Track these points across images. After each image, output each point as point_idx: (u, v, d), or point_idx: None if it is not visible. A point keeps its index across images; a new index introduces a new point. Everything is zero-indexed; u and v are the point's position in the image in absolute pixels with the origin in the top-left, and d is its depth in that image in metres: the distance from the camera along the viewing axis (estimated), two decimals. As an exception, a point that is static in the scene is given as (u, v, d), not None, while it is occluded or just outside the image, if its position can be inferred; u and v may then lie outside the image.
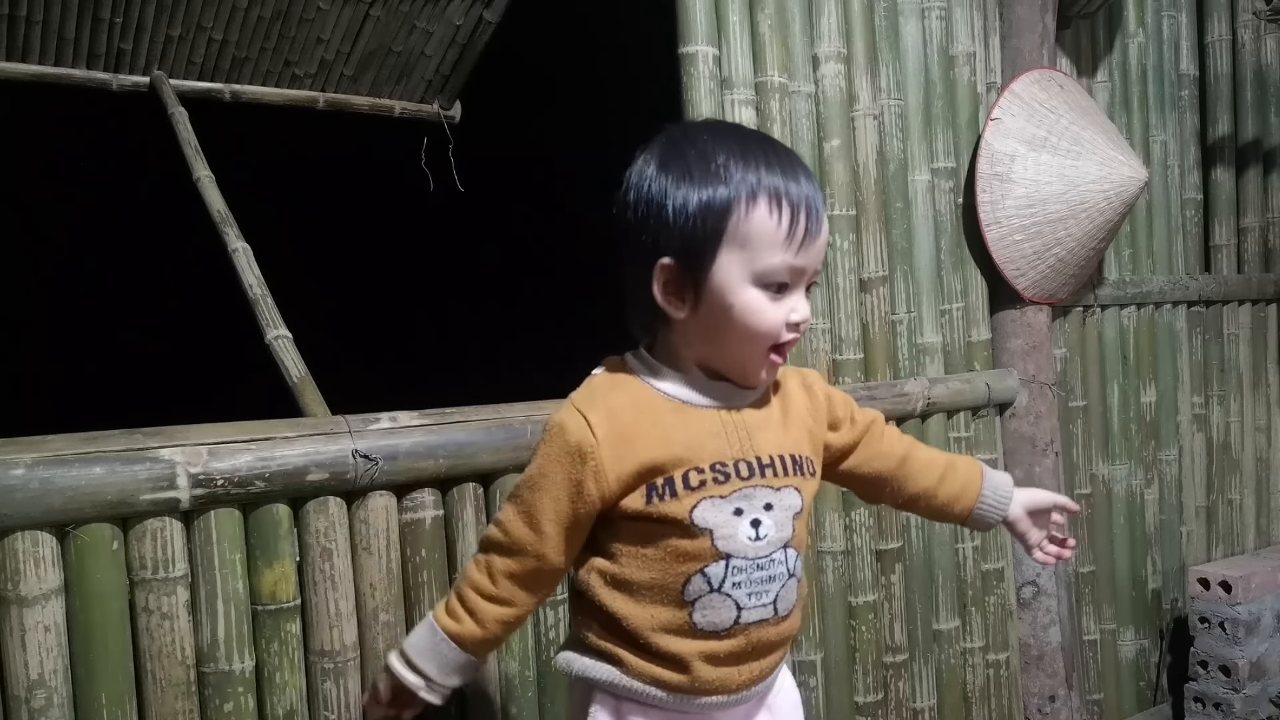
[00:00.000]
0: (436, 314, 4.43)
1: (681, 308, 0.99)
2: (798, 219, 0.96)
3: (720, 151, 0.97)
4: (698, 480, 0.97)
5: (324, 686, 1.30)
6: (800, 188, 0.97)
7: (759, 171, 0.96)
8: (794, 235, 0.96)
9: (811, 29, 1.85)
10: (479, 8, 2.64)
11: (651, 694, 1.00)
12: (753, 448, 1.00)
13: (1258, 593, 2.30)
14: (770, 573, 0.99)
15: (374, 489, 1.34)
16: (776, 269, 0.96)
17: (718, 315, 0.98)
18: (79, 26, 2.25)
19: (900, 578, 1.91)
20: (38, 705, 1.11)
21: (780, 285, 0.97)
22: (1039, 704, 2.10)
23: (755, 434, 1.01)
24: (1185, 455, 2.48)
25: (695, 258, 0.97)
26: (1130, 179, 2.02)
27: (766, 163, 0.97)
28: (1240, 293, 2.59)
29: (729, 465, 0.98)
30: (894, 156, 1.95)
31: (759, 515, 0.99)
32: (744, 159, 0.97)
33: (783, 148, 1.02)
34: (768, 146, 1.00)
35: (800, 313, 0.98)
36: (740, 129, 1.07)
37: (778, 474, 1.01)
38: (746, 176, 0.96)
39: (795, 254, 0.96)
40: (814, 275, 1.01)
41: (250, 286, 1.75)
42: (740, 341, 0.98)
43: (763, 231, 0.95)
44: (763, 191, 0.96)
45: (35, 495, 1.10)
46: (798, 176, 0.98)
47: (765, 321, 0.97)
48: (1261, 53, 2.64)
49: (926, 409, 1.94)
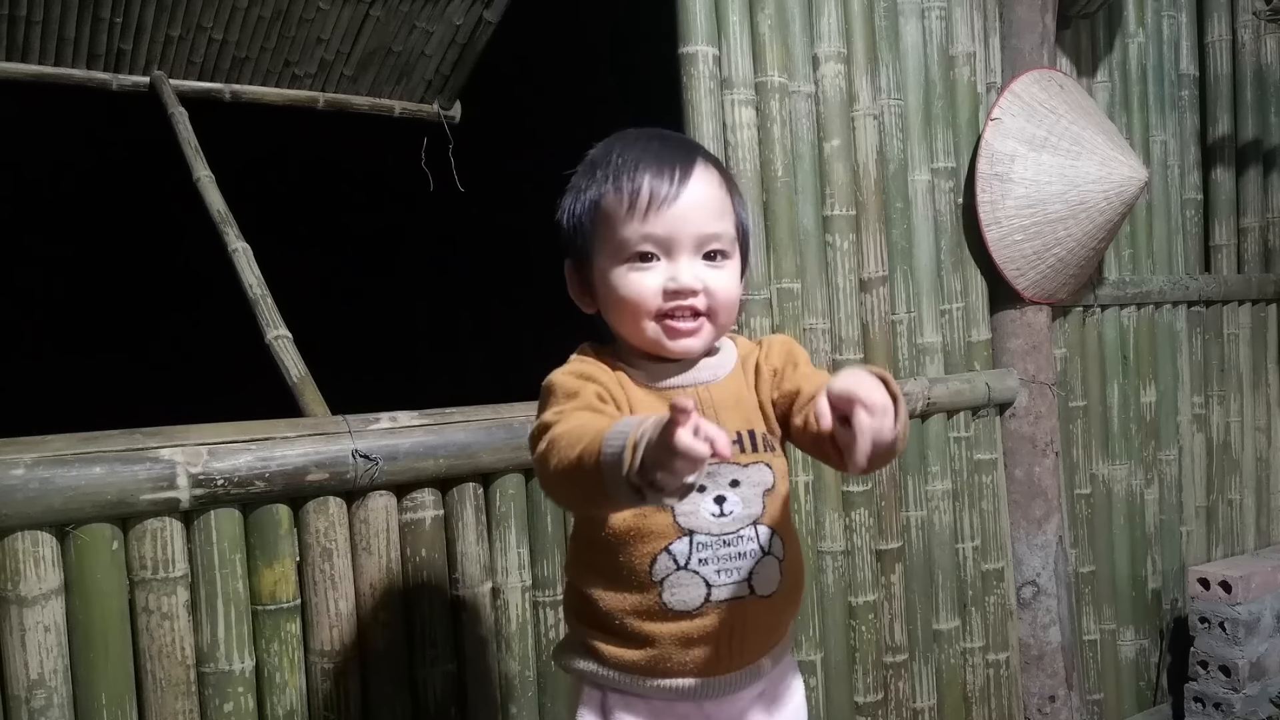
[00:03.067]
0: (437, 314, 4.43)
1: (590, 303, 1.06)
2: (640, 191, 0.98)
3: (601, 156, 1.03)
4: None
5: (324, 686, 1.30)
6: (652, 158, 0.99)
7: (616, 163, 1.00)
8: (637, 204, 0.98)
9: (811, 29, 1.85)
10: (479, 8, 2.64)
11: (629, 682, 1.00)
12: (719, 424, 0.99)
13: (1258, 593, 2.30)
14: (739, 549, 0.99)
15: (374, 489, 1.34)
16: (629, 240, 0.99)
17: (607, 303, 1.03)
18: (79, 26, 2.25)
19: (900, 578, 1.91)
20: (38, 705, 1.11)
21: (643, 255, 0.99)
22: (1039, 704, 2.10)
23: (721, 411, 1.02)
24: (1185, 455, 2.48)
25: (581, 255, 1.05)
26: (1130, 179, 2.02)
27: (630, 151, 1.00)
28: (1240, 293, 2.59)
29: None
30: (894, 156, 1.95)
31: (723, 491, 0.99)
32: (609, 156, 1.01)
33: (671, 138, 1.05)
34: (646, 139, 1.03)
35: (679, 280, 0.98)
36: (644, 131, 1.07)
37: (745, 450, 1.01)
38: (605, 171, 1.00)
39: (644, 221, 0.98)
40: (703, 242, 1.00)
41: (250, 286, 1.75)
42: (628, 319, 1.01)
43: (611, 211, 1.00)
44: (612, 173, 0.99)
45: (35, 495, 1.10)
46: (659, 155, 1.00)
47: (634, 292, 0.99)
48: (1261, 53, 2.64)
49: (926, 409, 1.94)
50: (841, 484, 1.84)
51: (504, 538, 1.46)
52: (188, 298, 3.69)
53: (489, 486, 1.45)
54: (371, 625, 1.34)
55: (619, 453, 0.79)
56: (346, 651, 1.32)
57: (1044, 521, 2.10)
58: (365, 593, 1.34)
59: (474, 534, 1.43)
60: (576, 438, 0.87)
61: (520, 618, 1.47)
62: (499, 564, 1.46)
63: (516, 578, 1.47)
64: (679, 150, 1.02)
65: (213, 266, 1.95)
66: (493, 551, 1.46)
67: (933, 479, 1.97)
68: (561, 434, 0.89)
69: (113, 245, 3.85)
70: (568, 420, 0.92)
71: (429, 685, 1.39)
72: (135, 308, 3.95)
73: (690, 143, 1.06)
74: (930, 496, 1.97)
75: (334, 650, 1.31)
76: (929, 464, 1.97)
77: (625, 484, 0.78)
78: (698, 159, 1.02)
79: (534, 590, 1.49)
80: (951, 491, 2.00)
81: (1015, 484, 2.10)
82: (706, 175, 1.02)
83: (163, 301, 3.95)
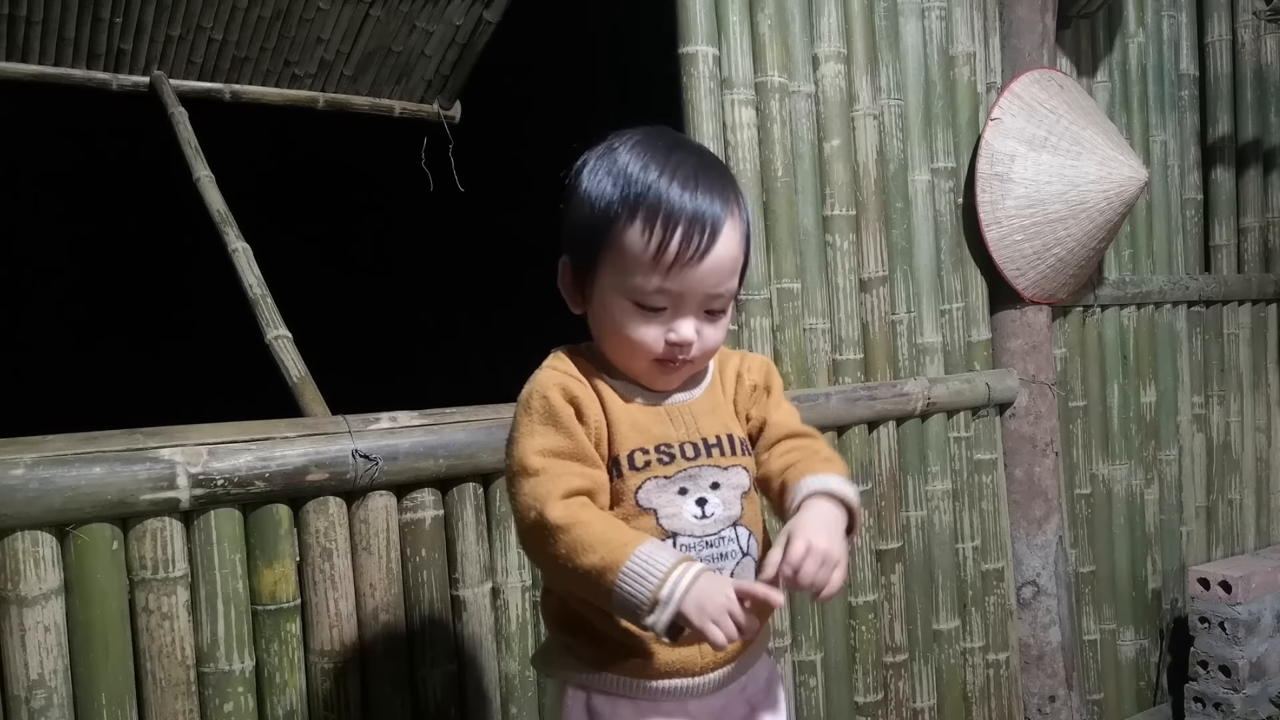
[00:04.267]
0: (437, 313, 4.43)
1: (580, 304, 1.03)
2: (668, 243, 0.93)
3: (631, 160, 0.96)
4: (643, 460, 0.98)
5: (324, 686, 1.30)
6: (688, 209, 0.93)
7: (651, 186, 0.94)
8: (662, 259, 0.93)
9: (811, 29, 1.85)
10: (479, 8, 2.64)
11: (613, 683, 1.00)
12: (698, 430, 1.02)
13: (1258, 593, 2.30)
14: (721, 550, 0.99)
15: (374, 489, 1.34)
16: (643, 290, 0.95)
17: (601, 319, 1.00)
18: (79, 26, 2.26)
19: (900, 578, 1.91)
20: (38, 705, 1.11)
21: (654, 305, 0.96)
22: (1039, 704, 2.10)
23: (701, 418, 1.03)
24: (1185, 455, 2.48)
25: (583, 260, 1.00)
26: (1130, 179, 2.02)
27: (666, 178, 0.94)
28: (1240, 293, 2.59)
29: (674, 446, 1.00)
30: (894, 156, 1.95)
31: (705, 494, 1.00)
32: (644, 171, 0.95)
33: (707, 166, 0.98)
34: (684, 162, 0.96)
35: (679, 334, 0.96)
36: (675, 140, 1.02)
37: (724, 453, 1.02)
38: (635, 190, 0.94)
39: (665, 278, 0.94)
40: (708, 300, 0.97)
41: (250, 286, 1.75)
42: (621, 353, 1.00)
43: (633, 249, 0.94)
44: (644, 207, 0.93)
45: (35, 495, 1.10)
46: (695, 197, 0.94)
47: (637, 337, 0.97)
48: (1261, 53, 2.64)
49: (926, 409, 1.94)
50: (841, 484, 1.83)
51: (504, 538, 1.46)
52: (188, 298, 3.69)
53: (489, 486, 1.45)
54: (371, 625, 1.34)
55: (639, 601, 0.87)
56: (346, 651, 1.32)
57: (1044, 521, 2.10)
58: (365, 593, 1.34)
59: (474, 534, 1.43)
60: (587, 544, 0.89)
61: (520, 618, 1.47)
62: (499, 564, 1.46)
63: (516, 578, 1.47)
64: (716, 194, 0.96)
65: (213, 266, 1.95)
66: (493, 551, 1.46)
67: (933, 479, 1.97)
68: (564, 524, 0.90)
69: (112, 245, 3.85)
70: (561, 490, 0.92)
71: (429, 685, 1.39)
72: (135, 308, 3.94)
73: (725, 179, 0.99)
74: (930, 496, 1.97)
75: (334, 650, 1.31)
76: (929, 464, 1.97)
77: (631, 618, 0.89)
78: (730, 209, 0.97)
79: (534, 590, 1.49)
80: (951, 491, 2.00)
81: (1015, 484, 2.10)
82: (733, 232, 0.97)
83: (163, 301, 3.95)
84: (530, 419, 0.98)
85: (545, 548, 0.92)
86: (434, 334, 4.40)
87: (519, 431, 0.98)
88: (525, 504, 0.94)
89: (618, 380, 1.02)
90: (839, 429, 1.82)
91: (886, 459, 1.90)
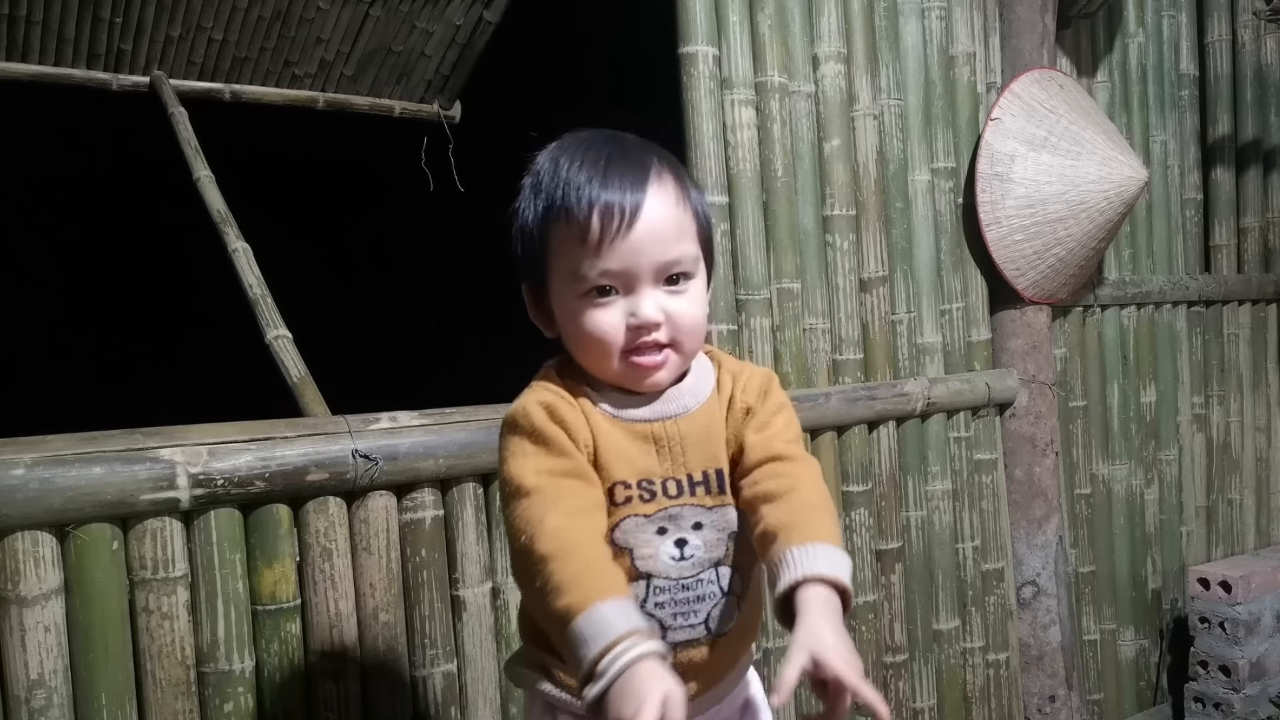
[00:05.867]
0: (436, 313, 4.43)
1: (550, 327, 1.00)
2: (590, 221, 0.90)
3: (548, 169, 0.95)
4: (623, 496, 0.94)
5: (324, 686, 1.30)
6: (601, 188, 0.91)
7: (564, 183, 0.92)
8: (588, 239, 0.90)
9: (811, 29, 1.85)
10: (479, 8, 2.64)
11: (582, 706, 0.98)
12: (685, 464, 0.96)
13: (1258, 593, 2.30)
14: (698, 593, 0.96)
15: (374, 489, 1.34)
16: (585, 276, 0.91)
17: (567, 332, 0.96)
18: (79, 26, 2.25)
19: (900, 578, 1.91)
20: (38, 705, 1.11)
21: (601, 289, 0.92)
22: (1039, 704, 2.10)
23: (690, 449, 0.97)
24: (1185, 455, 2.48)
25: (536, 279, 0.98)
26: (1130, 179, 2.02)
27: (575, 168, 0.93)
28: (1240, 293, 2.59)
29: (656, 483, 0.95)
30: (894, 156, 1.95)
31: (685, 535, 0.95)
32: (557, 173, 0.93)
33: (620, 148, 0.95)
34: (593, 151, 0.94)
35: (639, 314, 0.92)
36: (594, 138, 0.98)
37: (710, 491, 0.96)
38: (552, 191, 0.93)
39: (599, 257, 0.91)
40: (663, 270, 0.93)
41: (250, 286, 1.75)
42: (592, 356, 0.95)
43: (562, 242, 0.93)
44: (560, 203, 0.92)
45: (35, 495, 1.10)
46: (606, 174, 0.92)
47: (595, 329, 0.93)
48: (1261, 53, 2.64)
49: (926, 409, 1.94)
50: (840, 484, 1.84)
51: (504, 538, 1.46)
52: (188, 298, 3.69)
53: (489, 486, 1.45)
54: (371, 625, 1.34)
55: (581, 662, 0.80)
56: (346, 651, 1.32)
57: (1044, 521, 2.10)
58: (365, 593, 1.34)
59: (474, 534, 1.43)
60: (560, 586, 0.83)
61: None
62: (499, 564, 1.46)
63: (516, 578, 1.47)
64: (630, 167, 0.93)
65: (213, 266, 1.95)
66: (493, 551, 1.46)
67: (933, 479, 1.97)
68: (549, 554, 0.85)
69: (112, 245, 3.85)
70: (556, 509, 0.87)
71: (429, 685, 1.39)
72: (135, 308, 3.94)
73: (641, 153, 0.96)
74: (930, 496, 1.97)
75: (334, 650, 1.31)
76: (929, 464, 1.97)
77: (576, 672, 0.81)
78: (650, 177, 0.93)
79: (534, 590, 1.49)
80: (951, 491, 2.00)
81: (1015, 484, 2.10)
82: (661, 195, 0.93)
83: (162, 301, 3.95)
84: (519, 439, 0.94)
85: (529, 578, 0.87)
86: (434, 334, 4.40)
87: (509, 451, 0.94)
88: (518, 526, 0.89)
89: (604, 396, 0.97)
90: (839, 429, 1.82)
91: (886, 459, 1.90)
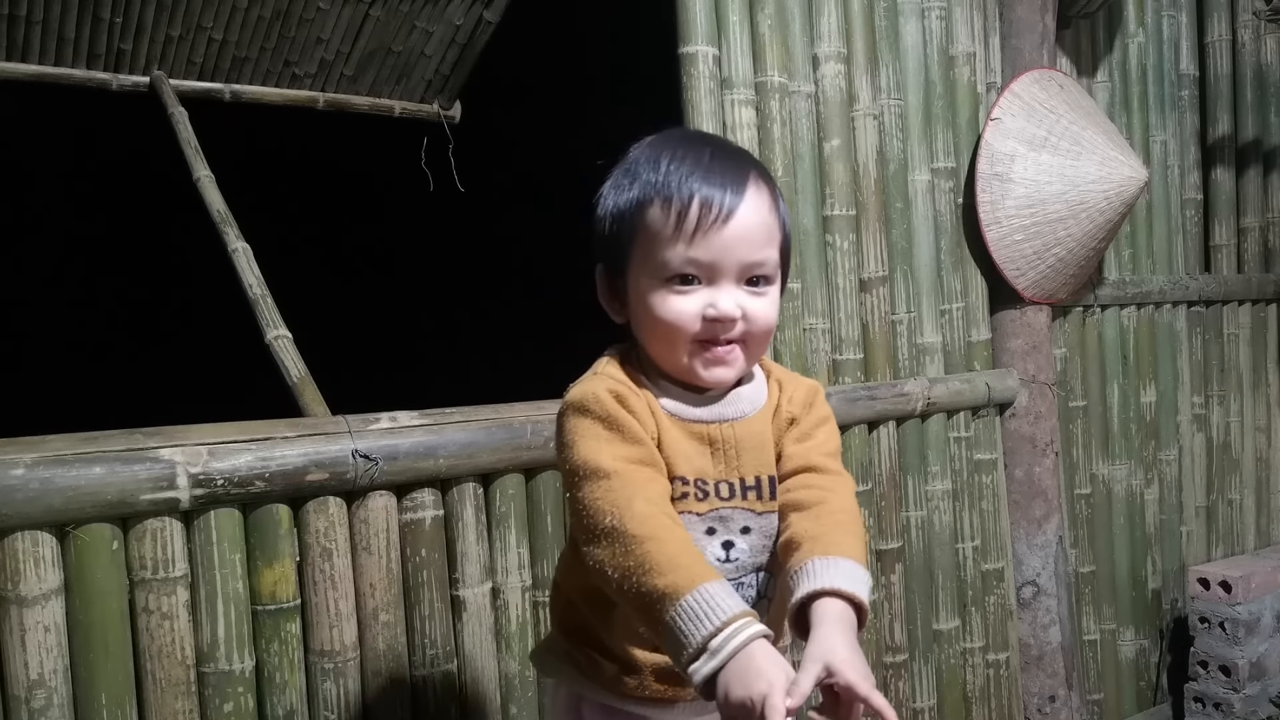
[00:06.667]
0: (436, 313, 4.43)
1: (620, 311, 1.01)
2: (688, 210, 0.92)
3: (646, 157, 0.97)
4: (680, 491, 0.94)
5: (324, 686, 1.30)
6: (703, 182, 0.93)
7: (665, 173, 0.94)
8: (683, 227, 0.92)
9: (811, 29, 1.85)
10: (479, 8, 2.64)
11: (607, 696, 0.99)
12: (738, 468, 0.97)
13: (1258, 593, 2.30)
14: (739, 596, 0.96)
15: (374, 489, 1.34)
16: (670, 262, 0.93)
17: (640, 317, 0.97)
18: (79, 26, 2.25)
19: (900, 578, 1.91)
20: (38, 705, 1.11)
21: (684, 278, 0.93)
22: (1039, 704, 2.10)
23: (744, 453, 0.98)
24: (1185, 455, 2.48)
25: (615, 263, 0.99)
26: (1130, 179, 2.02)
27: (681, 163, 0.94)
28: (1240, 293, 2.59)
29: (710, 484, 0.96)
30: (894, 156, 1.95)
31: (733, 538, 0.96)
32: (659, 163, 0.95)
33: (722, 149, 0.98)
34: (697, 147, 0.97)
35: (718, 307, 0.93)
36: (693, 136, 1.03)
37: (762, 497, 0.97)
38: (652, 179, 0.95)
39: (690, 245, 0.92)
40: (747, 270, 0.94)
41: (250, 286, 1.75)
42: (662, 342, 0.96)
43: (655, 226, 0.94)
44: (660, 190, 0.94)
45: (35, 495, 1.10)
46: (710, 169, 0.94)
47: (671, 315, 0.93)
48: (1261, 53, 2.64)
49: (926, 409, 1.94)
50: (841, 484, 1.83)
51: (504, 538, 1.46)
52: (188, 297, 3.69)
53: (489, 486, 1.45)
54: (371, 625, 1.34)
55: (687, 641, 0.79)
56: (346, 651, 1.32)
57: (1044, 521, 2.10)
58: (365, 593, 1.34)
59: (474, 534, 1.43)
60: (658, 565, 0.83)
61: (520, 618, 1.47)
62: (499, 564, 1.46)
63: (516, 578, 1.47)
64: (732, 167, 0.95)
65: (213, 266, 1.95)
66: (493, 551, 1.46)
67: (933, 479, 1.97)
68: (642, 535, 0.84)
69: (112, 245, 3.85)
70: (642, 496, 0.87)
71: (429, 685, 1.39)
72: (135, 308, 3.94)
73: (742, 156, 0.99)
74: (930, 496, 1.97)
75: (334, 650, 1.31)
76: (929, 464, 1.97)
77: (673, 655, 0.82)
78: (750, 178, 0.95)
79: (534, 590, 1.49)
80: (951, 491, 2.00)
81: (1015, 484, 2.10)
82: (758, 198, 0.95)
83: (163, 301, 3.95)
84: (592, 423, 0.93)
85: (616, 558, 0.85)
86: (434, 333, 4.40)
87: (578, 435, 0.93)
88: (600, 508, 0.88)
89: (666, 390, 0.98)
90: (839, 429, 1.82)
91: (886, 459, 1.90)
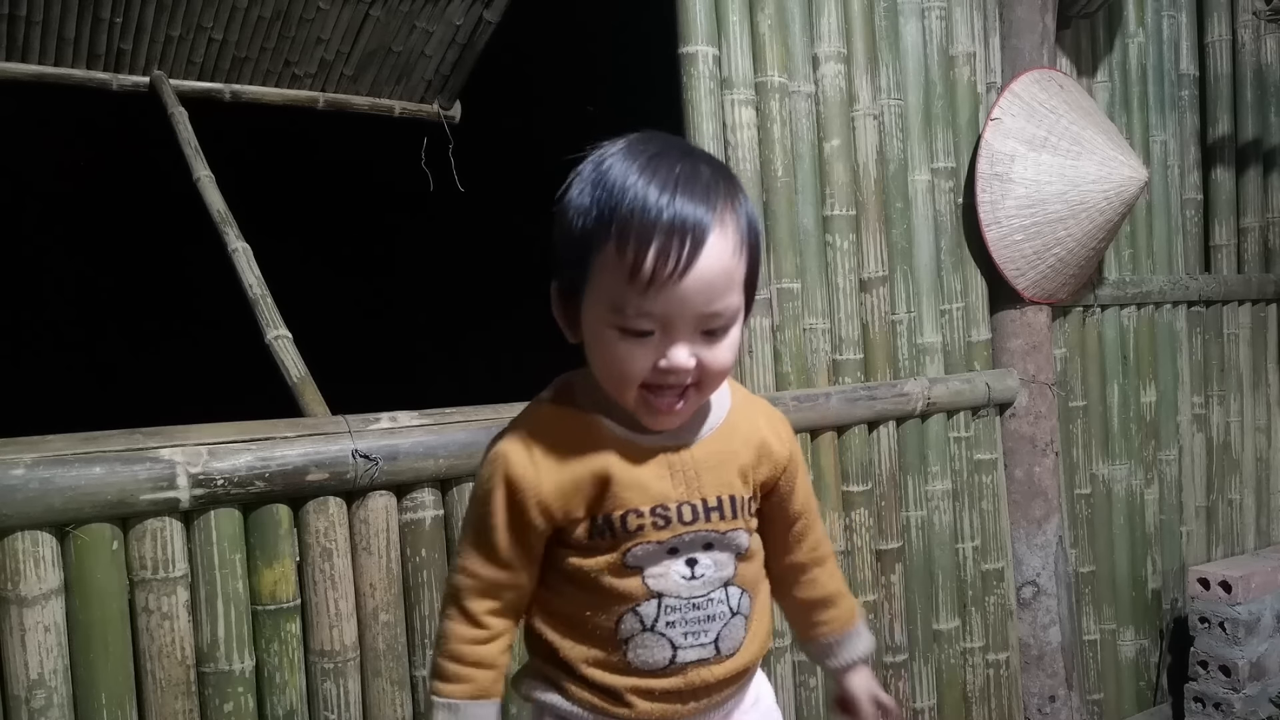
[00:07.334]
0: (436, 313, 4.43)
1: (573, 333, 0.93)
2: (643, 260, 0.82)
3: (611, 169, 0.87)
4: (636, 524, 0.92)
5: (324, 686, 1.30)
6: (663, 220, 0.83)
7: (626, 196, 0.84)
8: (638, 278, 0.83)
9: (811, 29, 1.85)
10: (479, 8, 2.64)
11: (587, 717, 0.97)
12: (699, 489, 0.94)
13: (1258, 593, 2.30)
14: (708, 612, 0.95)
15: (374, 489, 1.34)
16: (624, 309, 0.85)
17: (591, 348, 0.90)
18: (79, 26, 2.26)
19: (900, 578, 1.91)
20: (38, 705, 1.11)
21: (639, 330, 0.85)
22: (1039, 704, 2.09)
23: (704, 474, 0.95)
24: (1185, 455, 2.48)
25: (569, 284, 0.90)
26: (1130, 179, 2.02)
27: (643, 184, 0.84)
28: (1240, 293, 2.59)
29: (671, 509, 0.93)
30: (894, 156, 1.95)
31: (696, 554, 0.94)
32: (622, 179, 0.85)
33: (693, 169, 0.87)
34: (665, 166, 0.86)
35: (670, 360, 0.86)
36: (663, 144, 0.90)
37: (724, 516, 0.95)
38: (611, 201, 0.85)
39: (644, 298, 0.84)
40: (703, 321, 0.86)
41: (250, 286, 1.75)
42: (609, 379, 0.90)
43: (610, 270, 0.85)
44: (618, 221, 0.84)
45: (35, 495, 1.10)
46: (673, 203, 0.84)
47: (621, 361, 0.87)
48: (1261, 53, 2.64)
49: (926, 409, 1.94)
50: (841, 484, 1.83)
51: (504, 538, 1.46)
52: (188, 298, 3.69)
53: (489, 486, 1.45)
54: (371, 625, 1.34)
55: None
56: (346, 651, 1.32)
57: (1044, 521, 2.10)
58: (365, 593, 1.34)
59: (474, 534, 1.43)
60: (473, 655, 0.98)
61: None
62: (499, 564, 1.46)
63: (516, 578, 1.46)
64: (699, 200, 0.85)
65: (213, 266, 1.95)
66: (493, 551, 1.45)
67: (933, 479, 1.97)
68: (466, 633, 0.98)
69: (112, 245, 3.85)
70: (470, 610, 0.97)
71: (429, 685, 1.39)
72: (135, 308, 3.94)
73: (711, 186, 0.87)
74: (930, 496, 1.97)
75: (334, 650, 1.31)
76: (929, 464, 1.97)
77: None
78: (713, 223, 0.85)
79: (534, 590, 1.48)
80: (951, 491, 2.00)
81: (1015, 484, 2.10)
82: (720, 245, 0.85)
83: (163, 301, 3.95)
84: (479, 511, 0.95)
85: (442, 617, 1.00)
86: (434, 333, 4.40)
87: (467, 515, 0.98)
88: (451, 583, 0.98)
89: (618, 416, 0.93)
90: (839, 429, 1.82)
91: (886, 459, 1.90)
